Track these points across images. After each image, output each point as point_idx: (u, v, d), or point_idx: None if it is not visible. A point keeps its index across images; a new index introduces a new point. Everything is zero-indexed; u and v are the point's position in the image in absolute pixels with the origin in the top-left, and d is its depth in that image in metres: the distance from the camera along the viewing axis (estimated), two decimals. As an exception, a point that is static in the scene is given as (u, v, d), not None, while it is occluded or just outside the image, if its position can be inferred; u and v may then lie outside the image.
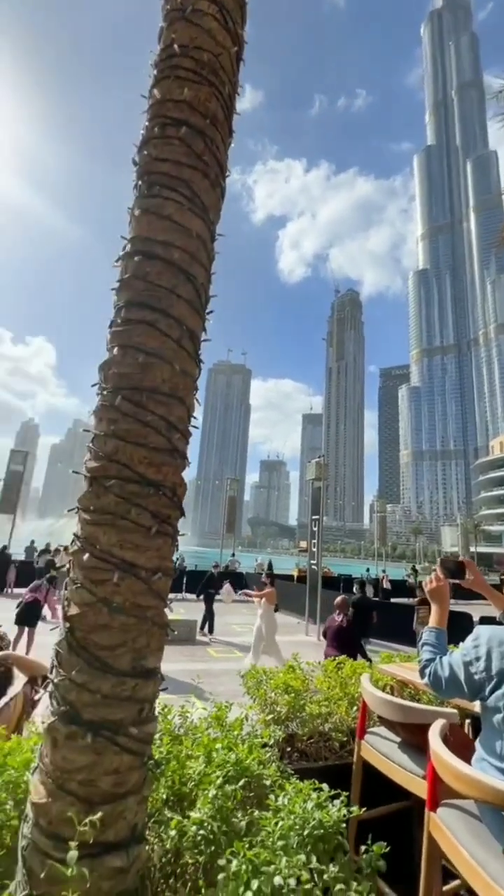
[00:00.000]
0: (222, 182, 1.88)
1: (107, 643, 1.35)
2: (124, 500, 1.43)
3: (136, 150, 1.83)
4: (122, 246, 1.73)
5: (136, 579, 1.40)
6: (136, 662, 1.37)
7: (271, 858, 1.24)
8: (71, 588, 1.42)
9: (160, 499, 1.49)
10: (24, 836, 1.28)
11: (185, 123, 1.75)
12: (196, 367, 1.70)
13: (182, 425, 1.61)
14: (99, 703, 1.30)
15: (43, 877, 1.17)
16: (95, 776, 1.27)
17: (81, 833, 1.10)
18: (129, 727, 1.33)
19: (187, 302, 1.67)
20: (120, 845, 1.27)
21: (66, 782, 1.26)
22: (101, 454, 1.49)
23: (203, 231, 1.76)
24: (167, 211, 1.68)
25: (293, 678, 2.72)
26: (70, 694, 1.31)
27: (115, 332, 1.61)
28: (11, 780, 1.62)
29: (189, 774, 1.74)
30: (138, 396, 1.51)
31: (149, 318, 1.59)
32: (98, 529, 1.42)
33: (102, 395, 1.55)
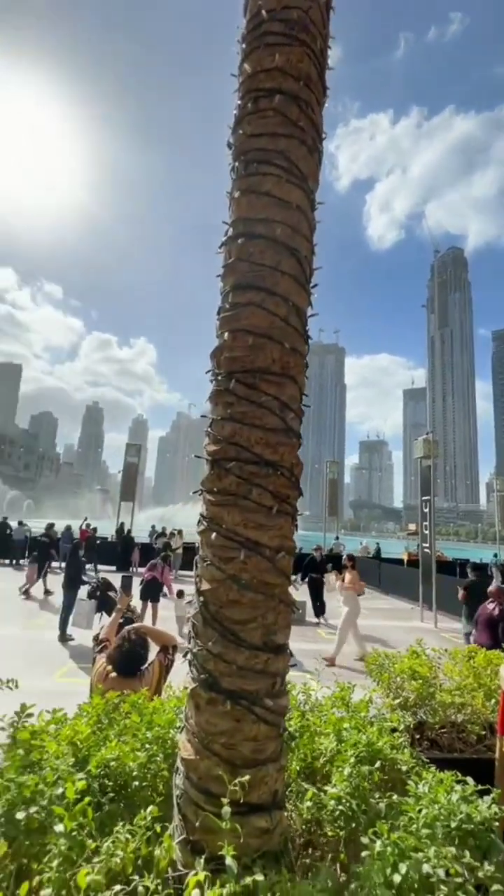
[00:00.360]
0: (319, 145, 1.79)
1: (238, 618, 1.40)
2: (245, 481, 1.46)
3: (231, 132, 1.82)
4: (224, 231, 1.74)
5: (262, 557, 1.43)
6: (267, 637, 1.41)
7: (418, 845, 1.19)
8: (201, 565, 1.51)
9: (279, 479, 1.50)
10: (178, 786, 1.41)
11: (277, 92, 1.69)
12: (305, 344, 1.66)
13: (295, 404, 1.59)
14: (235, 673, 1.37)
15: (198, 825, 1.28)
16: (236, 741, 1.35)
17: (232, 792, 1.17)
18: (265, 699, 1.38)
19: (292, 277, 1.63)
20: (263, 808, 1.33)
21: (210, 743, 1.35)
22: (219, 437, 1.54)
23: (303, 201, 1.70)
24: (265, 187, 1.65)
25: (419, 664, 2.59)
26: (208, 663, 1.40)
27: (224, 317, 1.64)
28: (160, 736, 1.80)
29: (319, 750, 1.76)
30: (251, 378, 1.52)
31: (255, 300, 1.59)
32: (222, 510, 1.47)
33: (217, 380, 1.60)
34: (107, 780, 1.61)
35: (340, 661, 7.47)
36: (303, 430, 1.65)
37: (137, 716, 1.86)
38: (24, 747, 1.61)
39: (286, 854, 1.35)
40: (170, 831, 1.39)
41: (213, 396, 1.62)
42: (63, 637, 7.86)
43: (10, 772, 1.46)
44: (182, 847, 1.31)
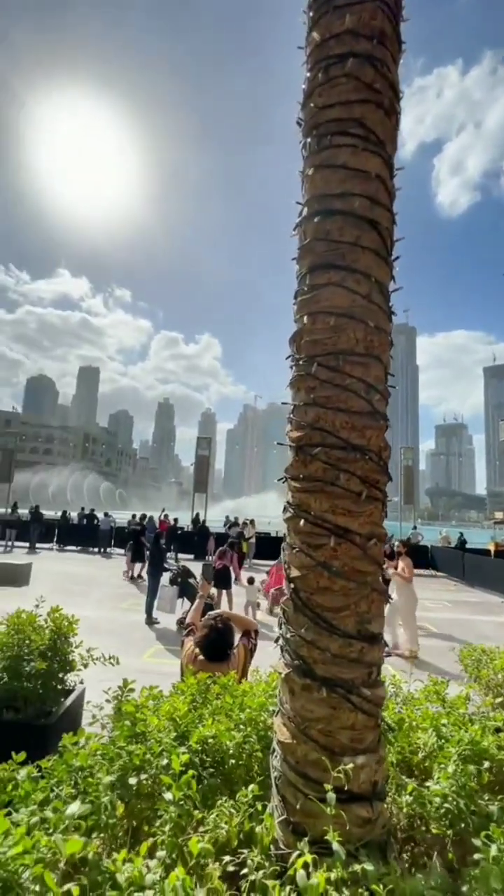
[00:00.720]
0: (397, 106, 1.67)
1: (330, 605, 1.38)
2: (331, 467, 1.43)
3: (301, 108, 1.76)
4: (299, 212, 1.70)
5: (352, 545, 1.39)
6: (361, 626, 1.37)
7: (541, 855, 1.10)
8: (290, 552, 1.50)
9: (366, 463, 1.44)
10: (275, 767, 1.44)
11: (349, 56, 1.60)
12: (388, 321, 1.58)
13: (380, 385, 1.52)
14: (329, 661, 1.35)
15: (298, 807, 1.29)
16: (333, 728, 1.34)
17: (336, 778, 1.16)
18: (361, 688, 1.35)
19: (373, 252, 1.54)
20: (364, 797, 1.31)
21: (306, 729, 1.35)
22: (302, 423, 1.51)
23: (381, 169, 1.60)
24: (341, 159, 1.57)
25: (522, 661, 2.39)
26: (301, 650, 1.40)
27: (302, 300, 1.60)
28: (252, 718, 1.85)
29: (417, 745, 1.70)
30: (334, 361, 1.47)
31: (334, 279, 1.53)
32: (309, 496, 1.45)
33: (297, 365, 1.57)
34: (205, 756, 1.69)
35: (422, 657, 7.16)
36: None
37: (230, 697, 1.92)
38: (129, 719, 1.73)
39: (390, 847, 1.32)
40: (269, 810, 1.42)
41: (294, 382, 1.59)
42: (149, 620, 8.40)
43: (119, 741, 1.59)
44: (283, 827, 1.33)
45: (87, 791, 1.32)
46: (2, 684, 2.39)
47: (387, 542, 12.19)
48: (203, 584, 4.20)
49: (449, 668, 2.76)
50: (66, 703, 2.56)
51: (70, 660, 2.65)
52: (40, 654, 2.53)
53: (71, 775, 1.38)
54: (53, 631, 2.64)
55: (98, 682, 3.01)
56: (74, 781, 1.37)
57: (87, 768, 1.41)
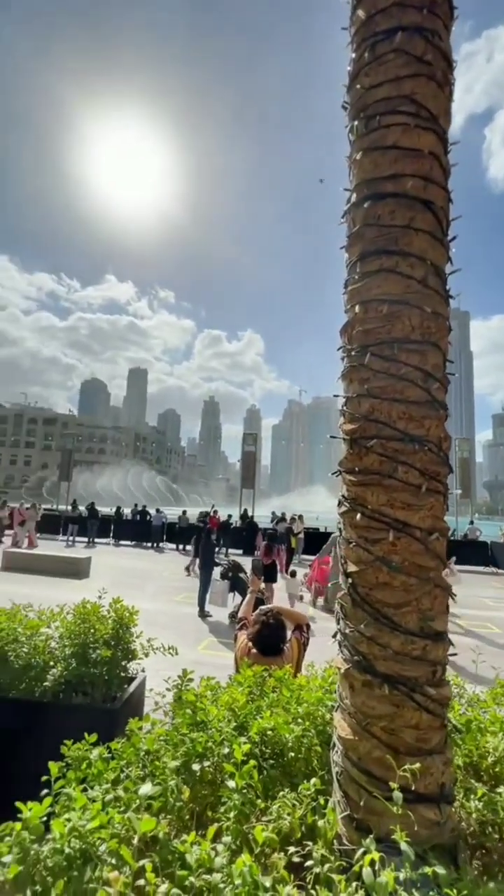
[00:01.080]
0: (450, 76, 1.58)
1: (390, 601, 1.35)
2: (388, 459, 1.39)
3: (346, 92, 1.71)
4: (346, 199, 1.66)
5: (412, 539, 1.35)
6: (424, 623, 1.33)
7: None
8: (346, 547, 1.48)
9: (426, 455, 1.39)
10: (336, 763, 1.43)
11: (397, 29, 1.53)
12: (446, 306, 1.50)
13: (439, 373, 1.45)
14: (390, 658, 1.32)
15: (362, 805, 1.27)
16: (396, 727, 1.30)
17: (401, 777, 1.14)
18: (425, 686, 1.30)
19: (428, 234, 1.48)
20: (431, 799, 1.27)
21: (368, 725, 1.33)
22: (356, 415, 1.48)
23: (435, 145, 1.52)
24: (391, 139, 1.51)
25: None
26: (361, 645, 1.38)
27: (353, 289, 1.56)
28: (310, 712, 1.85)
29: (485, 748, 1.62)
30: (388, 350, 1.43)
31: (387, 265, 1.48)
32: (365, 490, 1.42)
33: (349, 356, 1.54)
34: (264, 748, 1.71)
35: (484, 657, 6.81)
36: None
37: (287, 690, 1.93)
38: (190, 707, 1.79)
39: (460, 852, 1.27)
40: (331, 805, 1.41)
41: (346, 373, 1.56)
42: (202, 613, 8.62)
43: (182, 728, 1.64)
44: (346, 823, 1.32)
45: (154, 774, 1.38)
46: (72, 669, 2.55)
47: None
48: (253, 579, 4.25)
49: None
50: (129, 690, 2.69)
51: (132, 649, 2.78)
52: (104, 642, 2.67)
53: (139, 758, 1.45)
54: (116, 621, 2.78)
55: (156, 672, 3.15)
56: (142, 764, 1.43)
57: (154, 752, 1.47)
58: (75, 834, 1.06)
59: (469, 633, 8.26)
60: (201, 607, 8.74)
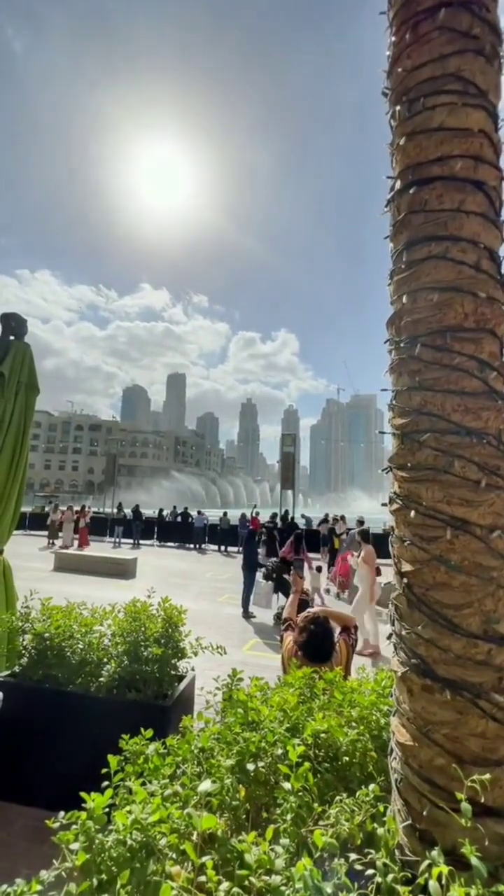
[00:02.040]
0: (500, 48, 1.50)
1: (449, 602, 1.28)
2: (443, 454, 1.33)
3: (386, 77, 1.66)
4: (390, 187, 1.61)
5: (472, 537, 1.28)
6: (488, 626, 1.26)
7: None
8: (399, 545, 1.43)
9: (484, 448, 1.31)
10: (395, 770, 1.37)
11: (440, 6, 1.47)
12: (502, 290, 1.42)
13: (496, 362, 1.37)
14: (452, 661, 1.26)
15: (425, 815, 1.22)
16: (460, 735, 1.24)
17: (470, 788, 1.08)
18: (491, 693, 1.23)
19: (480, 216, 1.40)
20: (499, 813, 1.19)
21: (430, 732, 1.28)
22: (407, 409, 1.43)
23: (485, 123, 1.45)
24: (436, 121, 1.45)
25: None
26: (418, 648, 1.32)
27: (399, 279, 1.51)
28: (363, 716, 1.80)
29: None
30: (440, 340, 1.37)
31: (436, 251, 1.42)
32: (419, 486, 1.37)
33: (398, 348, 1.49)
34: (317, 750, 1.68)
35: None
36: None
37: (339, 693, 1.89)
38: (241, 707, 1.79)
39: (534, 871, 1.18)
40: (390, 813, 1.36)
41: (394, 367, 1.51)
42: (246, 614, 8.65)
43: (235, 727, 1.65)
44: (408, 833, 1.27)
45: (209, 771, 1.39)
46: (125, 666, 2.62)
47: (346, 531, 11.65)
48: (295, 579, 4.21)
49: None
50: (179, 688, 2.73)
51: (181, 647, 2.82)
52: (155, 640, 2.73)
53: (194, 755, 1.46)
54: (165, 619, 2.83)
55: (202, 671, 3.18)
56: (197, 761, 1.45)
57: (209, 750, 1.48)
58: (137, 826, 1.08)
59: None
60: (245, 608, 8.77)
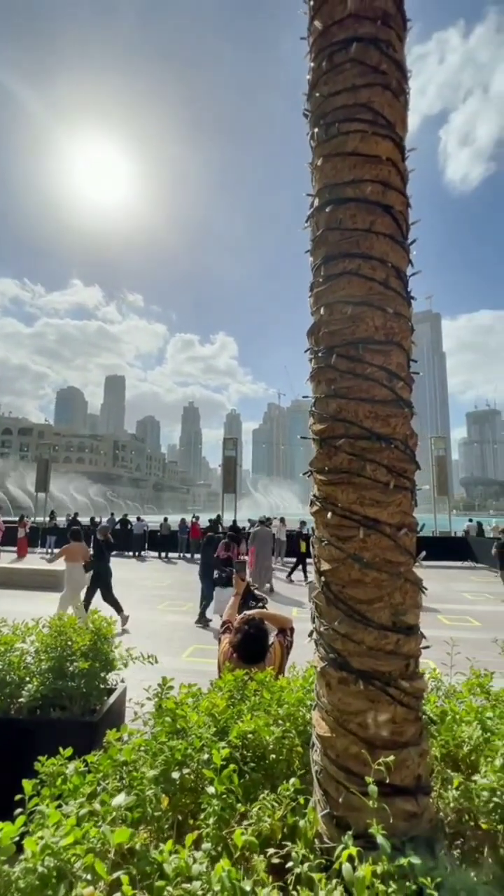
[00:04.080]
0: (405, 86, 1.63)
1: (363, 597, 1.37)
2: (357, 458, 1.41)
3: (306, 99, 1.75)
4: (310, 204, 1.69)
5: (382, 535, 1.37)
6: (396, 618, 1.35)
7: None
8: (319, 546, 1.50)
9: (393, 452, 1.42)
10: (315, 762, 1.43)
11: (353, 40, 1.57)
12: (408, 307, 1.54)
13: (403, 372, 1.49)
14: (365, 653, 1.34)
15: (341, 801, 1.28)
16: (372, 721, 1.32)
17: (376, 771, 1.15)
18: (399, 680, 1.32)
19: (388, 237, 1.52)
20: (408, 791, 1.28)
21: (345, 722, 1.34)
22: (325, 416, 1.50)
23: (392, 152, 1.57)
24: (350, 146, 1.55)
25: None
26: (335, 643, 1.39)
27: (318, 292, 1.59)
28: (291, 713, 1.85)
29: (461, 738, 1.65)
30: (353, 350, 1.46)
31: (349, 268, 1.51)
32: (335, 489, 1.44)
33: (316, 357, 1.56)
34: (245, 751, 1.70)
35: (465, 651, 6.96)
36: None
37: (268, 693, 1.93)
38: (169, 715, 1.76)
39: (437, 842, 1.29)
40: (312, 804, 1.41)
41: (314, 375, 1.58)
42: (201, 621, 8.50)
43: (161, 736, 1.62)
44: (326, 821, 1.33)
45: (132, 785, 1.36)
46: (48, 684, 2.48)
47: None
48: (237, 581, 4.22)
49: (492, 661, 2.67)
50: (109, 701, 2.64)
51: (111, 659, 2.72)
52: (82, 654, 2.61)
53: (116, 770, 1.42)
54: (94, 632, 2.72)
55: (139, 682, 3.09)
56: (120, 776, 1.41)
57: (132, 763, 1.45)
58: (49, 851, 1.03)
59: (448, 627, 8.42)
60: (201, 615, 8.64)
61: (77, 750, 1.60)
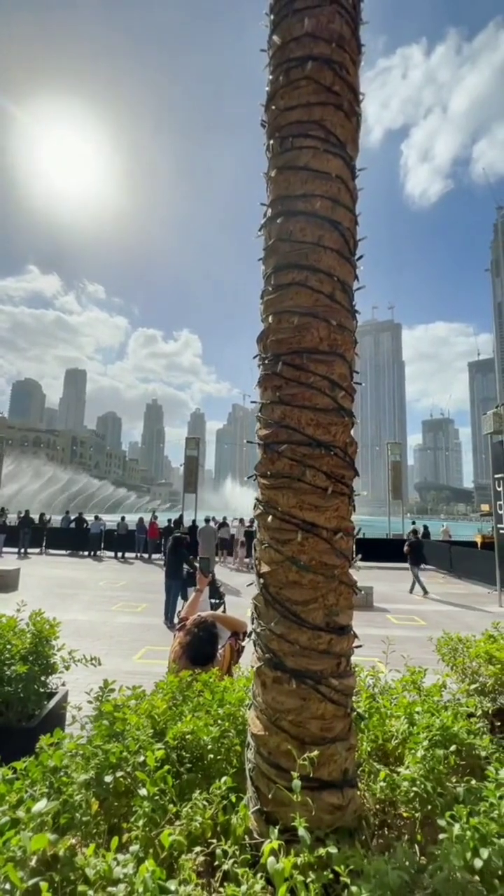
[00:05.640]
0: (357, 108, 1.70)
1: (299, 598, 1.41)
2: (297, 463, 1.46)
3: (264, 110, 1.79)
4: (263, 213, 1.72)
5: (319, 539, 1.42)
6: (329, 618, 1.41)
7: (501, 832, 1.14)
8: (260, 548, 1.53)
9: (332, 459, 1.47)
10: (249, 760, 1.46)
11: (309, 59, 1.63)
12: (353, 320, 1.61)
13: (345, 382, 1.55)
14: (298, 653, 1.38)
15: (270, 797, 1.32)
16: (303, 719, 1.37)
17: (301, 766, 1.19)
18: (330, 678, 1.38)
19: (335, 252, 1.57)
20: (334, 785, 1.34)
21: (278, 720, 1.38)
22: (270, 421, 1.54)
23: (342, 170, 1.63)
24: (302, 160, 1.60)
25: (496, 648, 2.46)
26: (271, 643, 1.43)
27: (268, 300, 1.63)
28: (231, 713, 1.87)
29: (391, 732, 1.74)
30: (298, 359, 1.50)
31: (298, 279, 1.56)
32: (277, 493, 1.48)
33: (264, 363, 1.60)
34: (183, 752, 1.71)
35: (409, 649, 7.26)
36: (361, 412, 1.61)
37: (210, 693, 1.94)
38: (108, 719, 1.74)
39: (360, 832, 1.35)
40: (244, 801, 1.44)
41: (261, 381, 1.62)
42: (168, 622, 8.38)
43: (97, 740, 1.60)
44: (257, 817, 1.36)
45: (60, 790, 1.34)
46: (-18, 689, 2.38)
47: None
48: (200, 578, 4.19)
49: (431, 658, 2.81)
50: (48, 706, 2.56)
51: (52, 663, 2.64)
52: (21, 657, 2.52)
53: (46, 776, 1.39)
54: (35, 634, 2.63)
55: (87, 685, 3.01)
56: (49, 782, 1.38)
57: (63, 768, 1.42)
58: (-37, 863, 1.00)
59: (396, 626, 8.76)
60: (167, 616, 8.52)
61: (13, 757, 1.54)
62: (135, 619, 8.64)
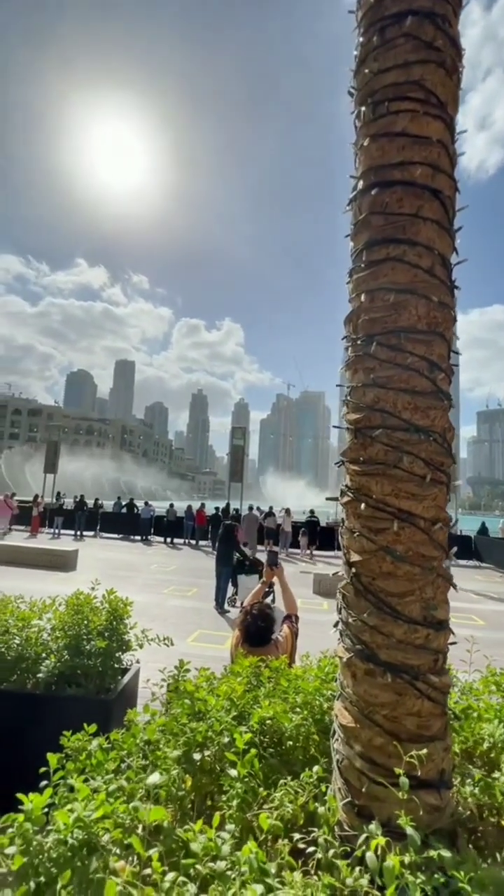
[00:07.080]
0: (459, 63, 1.57)
1: (394, 590, 1.35)
2: (393, 449, 1.39)
3: (353, 76, 1.69)
4: (353, 186, 1.64)
5: (416, 529, 1.35)
6: (427, 612, 1.34)
7: None
8: (349, 536, 1.48)
9: (431, 445, 1.39)
10: (337, 751, 1.43)
11: (407, 14, 1.51)
12: (452, 297, 1.50)
13: (444, 364, 1.45)
14: (393, 646, 1.33)
15: (364, 791, 1.28)
16: (398, 714, 1.31)
17: (408, 763, 1.15)
18: (428, 674, 1.31)
19: (435, 223, 1.47)
20: (431, 785, 1.28)
21: (371, 714, 1.34)
22: (361, 405, 1.47)
23: (443, 133, 1.51)
24: (399, 126, 1.49)
25: None
26: (363, 635, 1.38)
27: (358, 278, 1.55)
28: (307, 701, 1.85)
29: (482, 735, 1.65)
30: (394, 339, 1.42)
31: (394, 254, 1.47)
32: (370, 480, 1.42)
33: (354, 345, 1.53)
34: (262, 737, 1.71)
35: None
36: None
37: (284, 680, 1.93)
38: (188, 698, 1.78)
39: (459, 836, 1.29)
40: (331, 792, 1.42)
41: (350, 363, 1.55)
42: (219, 608, 8.59)
43: (182, 718, 1.63)
44: (347, 810, 1.33)
45: (156, 764, 1.37)
46: (65, 661, 2.52)
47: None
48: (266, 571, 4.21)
49: (500, 659, 2.65)
50: (123, 681, 2.67)
51: (126, 640, 2.75)
52: (98, 633, 2.64)
53: (139, 748, 1.43)
54: (110, 612, 2.75)
55: (146, 664, 3.14)
56: (143, 754, 1.42)
57: (154, 742, 1.46)
58: (79, 824, 1.04)
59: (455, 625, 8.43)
60: (217, 601, 8.69)
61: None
62: (186, 603, 8.89)
